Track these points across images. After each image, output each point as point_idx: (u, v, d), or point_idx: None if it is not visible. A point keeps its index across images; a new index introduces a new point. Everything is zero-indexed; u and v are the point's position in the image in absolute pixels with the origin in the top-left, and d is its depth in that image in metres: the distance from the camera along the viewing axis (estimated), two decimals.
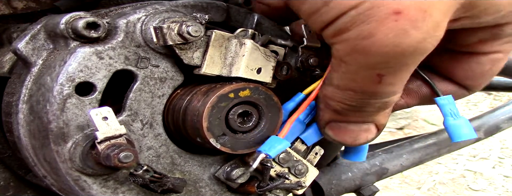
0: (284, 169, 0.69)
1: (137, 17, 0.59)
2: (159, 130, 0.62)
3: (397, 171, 1.21)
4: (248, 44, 0.61)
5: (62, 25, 0.57)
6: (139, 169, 0.58)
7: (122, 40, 0.58)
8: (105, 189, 0.58)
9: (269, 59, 0.63)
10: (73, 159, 0.56)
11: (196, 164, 0.65)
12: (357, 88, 0.55)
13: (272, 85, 0.67)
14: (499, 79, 1.68)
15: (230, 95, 0.60)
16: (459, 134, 0.64)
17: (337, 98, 0.59)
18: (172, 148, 0.63)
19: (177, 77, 0.63)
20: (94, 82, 0.56)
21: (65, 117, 0.55)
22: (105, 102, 0.58)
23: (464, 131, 0.64)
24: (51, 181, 0.63)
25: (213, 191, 0.67)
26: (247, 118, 0.63)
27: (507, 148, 3.44)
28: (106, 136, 0.54)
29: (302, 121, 0.69)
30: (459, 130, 0.64)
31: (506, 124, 1.41)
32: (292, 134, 0.68)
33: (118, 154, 0.53)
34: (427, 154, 1.25)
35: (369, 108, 0.59)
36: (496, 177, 3.05)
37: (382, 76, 0.52)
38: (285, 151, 0.68)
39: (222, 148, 0.61)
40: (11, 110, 0.61)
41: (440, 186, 2.93)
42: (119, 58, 0.58)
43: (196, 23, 0.57)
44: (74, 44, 0.57)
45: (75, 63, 0.55)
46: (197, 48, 0.60)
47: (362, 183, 1.14)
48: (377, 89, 0.55)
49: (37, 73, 0.59)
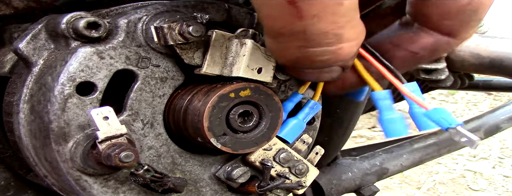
0: (285, 169, 0.69)
1: (138, 17, 0.60)
2: (160, 130, 0.62)
3: (397, 171, 1.21)
4: (249, 44, 0.61)
5: (63, 25, 0.57)
6: (140, 169, 0.58)
7: (123, 40, 0.58)
8: (106, 188, 0.58)
9: (269, 59, 0.63)
10: (74, 158, 0.56)
11: (196, 164, 0.66)
12: (283, 30, 0.47)
13: (272, 85, 0.67)
14: (499, 79, 1.68)
15: (230, 95, 0.60)
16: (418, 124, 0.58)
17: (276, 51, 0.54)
18: (172, 148, 0.63)
19: (178, 77, 0.63)
20: (95, 82, 0.57)
21: (66, 117, 0.55)
22: (106, 102, 0.58)
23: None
24: (52, 181, 0.63)
25: (213, 191, 0.67)
26: (247, 118, 0.63)
27: (507, 148, 3.44)
28: (107, 136, 0.54)
29: (302, 121, 0.69)
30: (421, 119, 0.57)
31: (506, 124, 1.41)
32: (293, 134, 0.68)
33: (119, 153, 0.53)
34: (427, 154, 1.25)
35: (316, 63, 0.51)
36: (496, 177, 3.05)
37: (295, 4, 0.44)
38: (286, 150, 0.68)
39: (223, 148, 0.61)
40: (12, 109, 0.61)
41: (440, 186, 2.93)
42: (120, 58, 0.58)
43: (197, 23, 0.58)
44: (75, 44, 0.57)
45: (76, 63, 0.55)
46: (197, 48, 0.60)
47: (362, 183, 1.14)
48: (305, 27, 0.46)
49: (38, 73, 0.59)
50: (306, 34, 0.47)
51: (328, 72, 0.55)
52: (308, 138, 0.73)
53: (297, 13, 0.45)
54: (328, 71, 0.55)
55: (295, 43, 0.49)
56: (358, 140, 3.52)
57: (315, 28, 0.46)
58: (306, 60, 0.51)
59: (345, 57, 0.51)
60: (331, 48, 0.49)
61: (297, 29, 0.47)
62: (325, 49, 0.49)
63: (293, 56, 0.51)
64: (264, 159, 0.66)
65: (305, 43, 0.48)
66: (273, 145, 0.67)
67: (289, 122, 0.68)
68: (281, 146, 0.68)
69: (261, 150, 0.66)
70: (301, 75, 0.58)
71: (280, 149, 0.68)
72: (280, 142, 0.68)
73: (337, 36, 0.48)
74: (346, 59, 0.52)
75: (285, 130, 0.67)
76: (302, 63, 0.52)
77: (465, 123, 1.37)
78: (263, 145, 0.65)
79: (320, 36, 0.47)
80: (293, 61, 0.53)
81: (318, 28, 0.46)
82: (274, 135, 0.66)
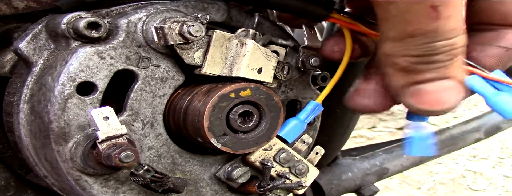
0: (285, 169, 0.69)
1: (138, 17, 0.59)
2: (160, 130, 0.62)
3: (398, 171, 1.21)
4: (249, 44, 0.61)
5: (63, 25, 0.57)
6: (140, 169, 0.58)
7: (123, 40, 0.58)
8: (106, 189, 0.58)
9: (270, 59, 0.63)
10: (74, 158, 0.56)
11: (197, 164, 0.66)
12: (416, 31, 0.52)
13: (272, 85, 0.67)
14: None
15: (231, 95, 0.60)
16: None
17: (399, 51, 0.55)
18: (173, 148, 0.63)
19: (178, 77, 0.63)
20: (95, 82, 0.57)
21: (66, 117, 0.55)
22: (106, 102, 0.58)
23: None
24: (52, 181, 0.63)
25: (213, 191, 0.67)
26: (248, 118, 0.63)
27: (507, 148, 3.44)
28: (107, 136, 0.54)
29: (303, 121, 0.69)
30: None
31: (506, 124, 1.41)
32: (293, 134, 0.68)
33: (119, 153, 0.53)
34: None
35: (439, 55, 0.54)
36: (496, 177, 3.05)
37: (437, 8, 0.49)
38: (286, 150, 0.68)
39: (223, 148, 0.61)
40: (12, 109, 0.61)
41: (440, 186, 2.93)
42: (120, 58, 0.58)
43: (197, 23, 0.57)
44: (75, 44, 0.57)
45: (76, 63, 0.55)
46: (198, 48, 0.60)
47: (362, 183, 1.14)
48: (438, 27, 0.51)
49: (38, 73, 0.59)
50: (437, 32, 0.52)
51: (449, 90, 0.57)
52: (308, 138, 0.73)
53: (436, 15, 0.50)
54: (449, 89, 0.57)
55: (423, 40, 0.53)
56: (358, 140, 3.52)
57: (447, 26, 0.51)
58: (429, 57, 0.54)
59: (461, 46, 0.55)
60: (451, 40, 0.53)
61: (431, 28, 0.51)
62: (447, 42, 0.53)
63: (418, 52, 0.54)
64: (264, 159, 0.66)
65: (432, 39, 0.52)
66: (273, 145, 0.67)
67: (290, 122, 0.68)
68: (281, 146, 0.68)
69: (261, 150, 0.66)
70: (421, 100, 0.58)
71: (280, 149, 0.68)
72: (280, 142, 0.68)
73: (458, 30, 0.53)
74: (462, 50, 0.56)
75: (285, 129, 0.67)
76: (425, 59, 0.55)
77: (465, 123, 1.38)
78: (263, 145, 0.65)
79: (449, 32, 0.52)
80: (417, 59, 0.55)
81: (450, 25, 0.52)
82: (274, 135, 0.66)
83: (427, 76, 0.56)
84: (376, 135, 3.60)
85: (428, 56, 0.54)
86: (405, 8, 0.50)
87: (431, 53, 0.53)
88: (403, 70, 0.56)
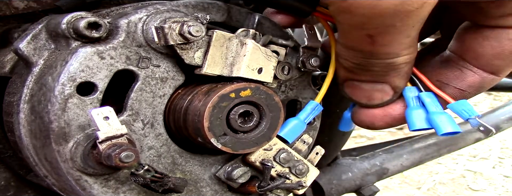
0: (285, 169, 0.69)
1: (139, 17, 0.59)
2: (160, 130, 0.62)
3: (398, 171, 1.21)
4: (249, 44, 0.61)
5: (64, 25, 0.57)
6: (140, 169, 0.58)
7: (123, 40, 0.58)
8: (106, 189, 0.58)
9: (270, 59, 0.63)
10: (74, 158, 0.56)
11: (197, 164, 0.66)
12: (355, 48, 0.57)
13: (273, 85, 0.67)
14: None
15: (231, 95, 0.60)
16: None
17: (343, 55, 0.60)
18: (173, 148, 0.63)
19: (178, 77, 0.63)
20: (96, 82, 0.57)
21: (67, 117, 0.55)
22: (106, 102, 0.58)
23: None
24: (52, 181, 0.63)
25: (214, 191, 0.67)
26: (248, 118, 0.63)
27: (507, 148, 3.44)
28: (107, 136, 0.54)
29: (303, 121, 0.69)
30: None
31: (506, 124, 1.41)
32: (293, 134, 0.68)
33: (119, 153, 0.53)
34: (427, 154, 1.25)
35: (375, 67, 0.59)
36: (496, 177, 3.05)
37: (372, 37, 0.53)
38: (286, 150, 0.68)
39: (223, 148, 0.61)
40: (12, 109, 0.61)
41: (440, 186, 2.93)
42: (120, 58, 0.58)
43: (197, 23, 0.58)
44: (76, 44, 0.57)
45: (77, 63, 0.55)
46: (198, 48, 0.60)
47: (362, 183, 1.15)
48: (373, 50, 0.55)
49: (39, 73, 0.59)
50: (373, 54, 0.56)
51: (380, 91, 0.63)
52: (308, 138, 0.73)
53: (371, 42, 0.54)
54: (380, 90, 0.63)
55: (361, 55, 0.57)
56: (358, 140, 3.52)
57: (383, 51, 0.55)
58: (366, 66, 0.59)
59: (402, 63, 0.58)
60: (388, 60, 0.57)
61: (367, 50, 0.56)
62: (383, 61, 0.57)
63: (356, 61, 0.59)
64: (264, 159, 0.66)
65: (369, 57, 0.57)
66: (273, 145, 0.67)
67: (290, 122, 0.68)
68: (281, 146, 0.68)
69: (262, 150, 0.66)
70: (355, 92, 0.65)
71: (280, 149, 0.68)
72: (281, 142, 0.68)
73: (397, 54, 0.56)
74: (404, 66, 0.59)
75: (286, 129, 0.67)
76: (363, 67, 0.60)
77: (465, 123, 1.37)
78: (263, 145, 0.65)
79: (385, 55, 0.56)
80: (356, 65, 0.60)
81: (385, 51, 0.56)
82: (274, 135, 0.66)
83: (362, 78, 0.62)
84: (376, 135, 3.60)
85: (365, 66, 0.59)
86: (347, 30, 0.55)
87: (367, 65, 0.59)
88: (345, 69, 0.62)
